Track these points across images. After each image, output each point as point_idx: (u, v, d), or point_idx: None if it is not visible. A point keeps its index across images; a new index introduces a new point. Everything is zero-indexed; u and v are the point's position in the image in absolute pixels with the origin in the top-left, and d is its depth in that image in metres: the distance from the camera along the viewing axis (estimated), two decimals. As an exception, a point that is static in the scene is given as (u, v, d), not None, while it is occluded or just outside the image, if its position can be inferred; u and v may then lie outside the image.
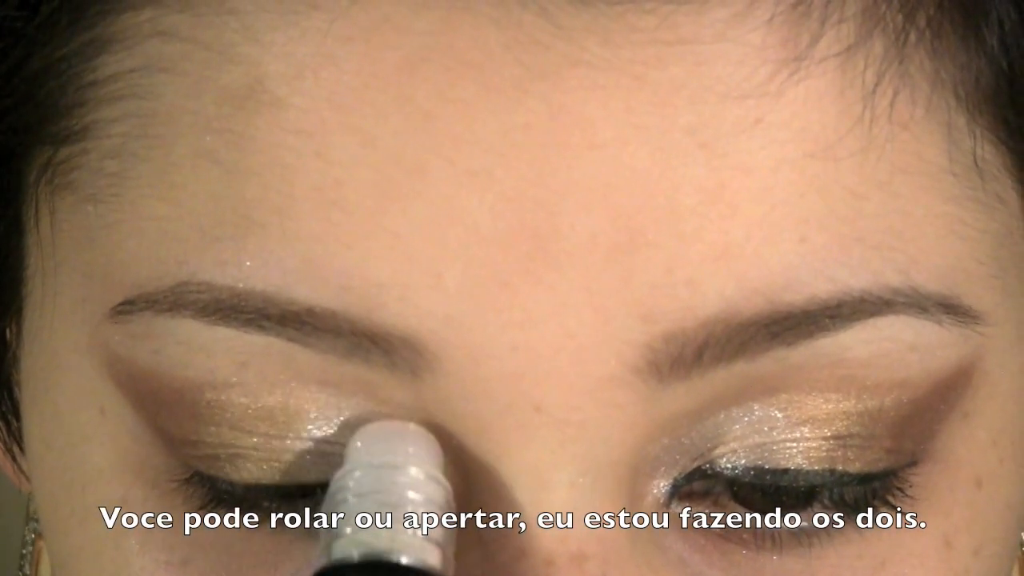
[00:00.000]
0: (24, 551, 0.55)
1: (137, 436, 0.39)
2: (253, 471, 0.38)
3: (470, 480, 0.37)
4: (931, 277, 0.38)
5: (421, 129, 0.35)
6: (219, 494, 0.39)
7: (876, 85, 0.37)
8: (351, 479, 0.36)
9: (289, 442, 0.38)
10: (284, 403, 0.37)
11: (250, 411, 0.37)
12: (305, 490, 0.38)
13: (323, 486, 0.37)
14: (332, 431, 0.38)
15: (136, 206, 0.38)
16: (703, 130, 0.36)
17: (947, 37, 0.37)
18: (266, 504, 0.39)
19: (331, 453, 0.38)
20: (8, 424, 0.49)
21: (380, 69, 0.35)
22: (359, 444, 0.37)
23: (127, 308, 0.38)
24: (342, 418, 0.38)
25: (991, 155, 0.39)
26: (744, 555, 0.39)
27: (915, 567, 0.39)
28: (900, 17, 0.37)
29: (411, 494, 0.36)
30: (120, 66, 0.38)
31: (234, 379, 0.37)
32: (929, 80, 0.37)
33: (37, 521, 0.54)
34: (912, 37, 0.37)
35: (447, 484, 0.36)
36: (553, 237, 0.36)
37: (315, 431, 0.38)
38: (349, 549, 0.35)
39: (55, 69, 0.38)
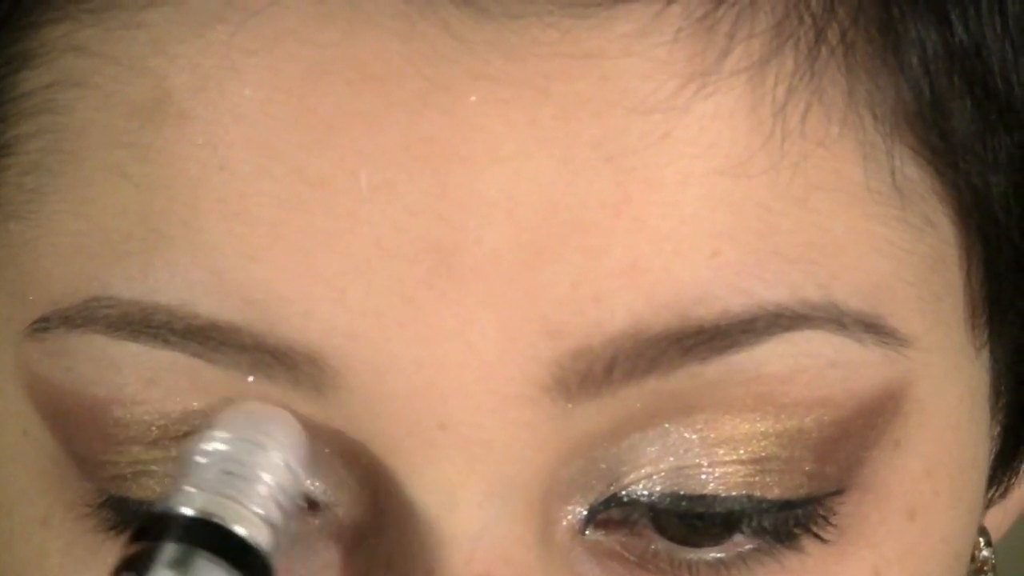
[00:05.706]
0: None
1: (56, 459, 0.39)
2: (159, 490, 0.38)
3: (379, 498, 0.37)
4: (852, 293, 0.37)
5: (324, 142, 0.35)
6: (129, 516, 0.38)
7: (787, 101, 0.36)
8: (213, 443, 0.36)
9: None
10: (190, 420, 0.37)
11: (155, 428, 0.37)
12: None
13: None
14: None
15: (51, 222, 0.38)
16: (608, 144, 0.35)
17: (862, 54, 0.37)
18: None
19: None
20: None
21: (283, 81, 0.36)
22: (232, 415, 0.37)
23: (43, 325, 0.38)
24: None
25: (916, 176, 0.38)
26: None
27: None
28: (812, 33, 0.36)
29: (265, 475, 0.36)
30: (38, 81, 0.38)
31: (141, 396, 0.37)
32: (844, 97, 0.37)
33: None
34: (824, 53, 0.37)
35: (302, 478, 0.36)
36: (457, 252, 0.35)
37: None
38: (188, 505, 0.35)
39: None
